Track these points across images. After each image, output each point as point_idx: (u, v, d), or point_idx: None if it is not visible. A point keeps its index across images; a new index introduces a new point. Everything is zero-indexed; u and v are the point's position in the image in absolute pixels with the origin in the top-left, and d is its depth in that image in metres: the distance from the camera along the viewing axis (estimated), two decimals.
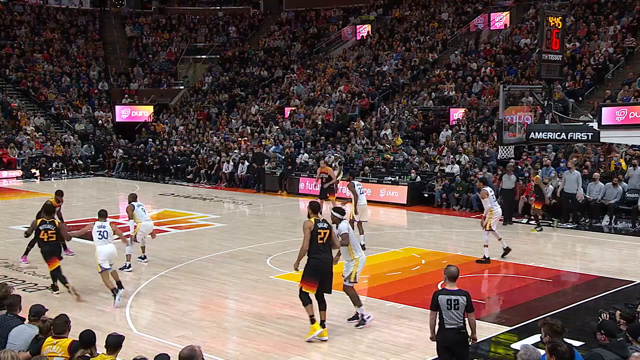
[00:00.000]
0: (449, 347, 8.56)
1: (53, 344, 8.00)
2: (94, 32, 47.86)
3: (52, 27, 46.55)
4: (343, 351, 10.78)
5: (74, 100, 41.92)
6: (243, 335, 11.69)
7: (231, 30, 47.25)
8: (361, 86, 35.38)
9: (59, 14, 48.17)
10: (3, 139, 36.16)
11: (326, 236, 11.23)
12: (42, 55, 43.91)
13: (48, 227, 13.27)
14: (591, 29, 31.39)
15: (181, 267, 16.22)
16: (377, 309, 12.86)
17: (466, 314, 8.54)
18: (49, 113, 40.26)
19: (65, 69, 43.74)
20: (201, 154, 33.77)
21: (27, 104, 40.49)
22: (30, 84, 41.57)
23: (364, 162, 28.27)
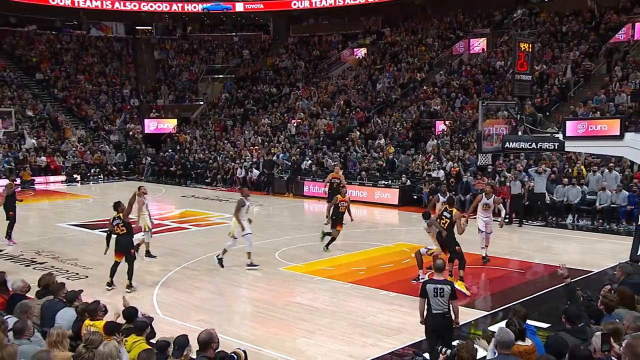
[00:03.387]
0: (436, 330, 8.64)
1: (90, 324, 8.09)
2: (127, 56, 47.90)
3: (92, 53, 46.60)
4: (343, 333, 10.74)
5: (110, 114, 41.95)
6: (254, 320, 11.69)
7: (245, 53, 47.27)
8: (358, 101, 35.36)
9: (99, 42, 48.21)
10: (51, 148, 36.14)
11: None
12: (83, 76, 43.94)
13: (119, 222, 13.44)
14: (555, 54, 31.54)
15: (201, 259, 16.22)
16: (372, 297, 12.85)
17: (450, 301, 8.59)
18: (89, 126, 40.24)
19: (103, 88, 43.77)
20: (218, 160, 33.75)
21: (70, 118, 40.49)
22: (74, 101, 41.60)
23: (360, 167, 28.27)
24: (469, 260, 15.25)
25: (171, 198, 29.11)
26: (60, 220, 22.24)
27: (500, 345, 6.59)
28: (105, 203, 16.98)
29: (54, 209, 26.30)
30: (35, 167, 34.13)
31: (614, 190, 20.61)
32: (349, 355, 9.75)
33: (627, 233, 18.47)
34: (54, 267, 14.91)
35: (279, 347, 10.03)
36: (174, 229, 20.83)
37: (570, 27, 33.44)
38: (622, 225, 20.12)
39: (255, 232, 19.59)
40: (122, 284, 13.28)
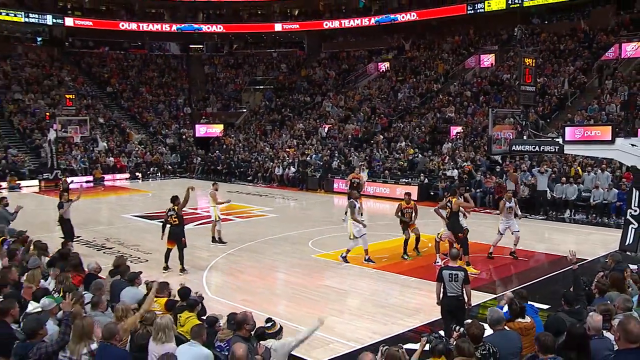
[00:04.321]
0: (450, 310, 8.65)
1: (154, 301, 8.21)
2: (181, 70, 48.24)
3: (152, 68, 47.07)
4: (368, 313, 10.73)
5: (166, 121, 42.30)
6: (290, 300, 11.71)
7: (282, 66, 47.31)
8: (381, 108, 35.19)
9: (158, 58, 48.66)
10: (117, 150, 36.58)
11: None
12: (145, 88, 44.38)
13: (172, 214, 13.55)
14: (554, 69, 31.25)
15: (244, 247, 16.29)
16: (394, 281, 12.81)
17: (463, 285, 8.60)
18: (149, 131, 40.63)
19: (161, 98, 44.16)
20: (258, 160, 33.84)
21: (134, 124, 40.92)
22: (137, 110, 42.08)
23: (383, 167, 28.13)
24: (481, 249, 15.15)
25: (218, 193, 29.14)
26: (125, 211, 22.52)
27: (492, 323, 6.60)
28: (162, 197, 17.19)
29: (119, 202, 26.67)
30: (105, 166, 34.61)
31: (606, 188, 20.39)
32: (374, 332, 9.72)
33: (617, 226, 18.10)
34: (119, 252, 15.06)
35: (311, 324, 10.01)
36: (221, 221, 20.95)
37: (566, 45, 33.29)
38: (613, 219, 19.80)
39: (292, 224, 19.74)
40: (177, 268, 13.40)
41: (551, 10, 36.89)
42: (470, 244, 13.81)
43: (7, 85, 38.67)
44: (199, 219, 21.12)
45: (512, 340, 6.54)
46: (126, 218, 21.13)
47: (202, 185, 32.26)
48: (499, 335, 6.54)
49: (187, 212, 21.59)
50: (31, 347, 5.85)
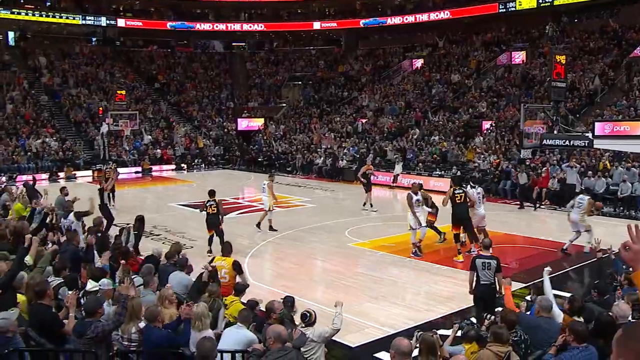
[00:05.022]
0: (483, 298, 8.65)
1: (222, 260, 8.90)
2: (224, 67, 48.57)
3: (197, 65, 47.54)
4: (402, 299, 10.72)
5: (210, 114, 42.72)
6: (327, 286, 11.76)
7: (320, 63, 47.21)
8: (416, 103, 34.90)
9: (202, 56, 49.13)
10: (164, 143, 37.09)
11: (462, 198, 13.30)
12: (190, 84, 44.85)
13: (212, 204, 14.02)
14: (584, 66, 30.48)
15: (284, 235, 16.37)
16: (427, 270, 12.74)
17: (496, 273, 8.58)
18: (193, 124, 41.09)
19: (205, 93, 44.59)
20: (297, 153, 33.92)
21: (180, 118, 41.42)
22: (182, 104, 42.59)
23: (417, 160, 27.94)
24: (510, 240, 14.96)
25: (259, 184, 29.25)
26: (171, 200, 22.80)
27: (542, 309, 6.49)
28: (206, 187, 17.34)
29: (166, 191, 27.05)
30: (152, 158, 35.15)
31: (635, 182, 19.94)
32: (407, 318, 9.69)
33: None
34: (166, 239, 15.32)
35: (348, 310, 9.95)
36: (261, 210, 21.00)
37: (596, 43, 32.49)
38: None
39: (329, 214, 19.77)
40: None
41: (581, 9, 36.07)
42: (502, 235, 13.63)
43: (65, 81, 39.61)
44: (240, 208, 21.36)
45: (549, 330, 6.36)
46: (172, 207, 21.40)
47: (244, 176, 32.66)
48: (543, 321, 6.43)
49: (228, 202, 21.95)
50: (90, 325, 5.97)
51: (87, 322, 6.02)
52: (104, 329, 5.98)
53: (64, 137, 34.55)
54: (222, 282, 8.71)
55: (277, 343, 5.62)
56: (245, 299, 7.99)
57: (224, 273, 8.92)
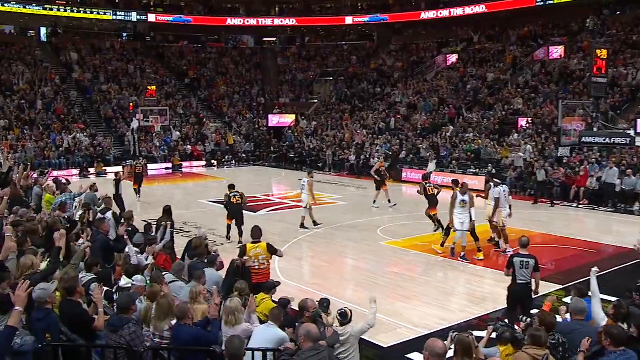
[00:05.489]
0: (519, 297, 8.59)
1: (255, 247, 8.93)
2: (255, 62, 48.86)
3: (228, 60, 47.88)
4: (435, 299, 10.67)
5: (241, 110, 42.99)
6: (358, 285, 11.75)
7: (353, 58, 47.13)
8: (450, 100, 34.63)
9: (233, 51, 49.44)
10: (195, 139, 37.47)
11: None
12: (221, 80, 45.21)
13: (235, 194, 15.06)
14: (626, 60, 29.70)
15: (315, 233, 16.44)
16: (461, 270, 12.66)
17: (533, 272, 8.53)
18: (224, 120, 41.40)
19: (236, 89, 44.91)
20: (329, 149, 33.93)
21: (210, 114, 41.81)
22: (213, 100, 42.94)
23: (451, 157, 27.72)
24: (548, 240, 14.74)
25: (290, 181, 29.50)
26: (201, 197, 23.05)
27: (575, 312, 6.40)
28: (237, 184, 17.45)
29: (196, 188, 27.33)
30: (182, 154, 35.54)
31: None
32: (440, 319, 9.66)
33: None
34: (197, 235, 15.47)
35: (380, 309, 9.86)
36: (292, 207, 21.15)
37: (639, 36, 31.57)
38: None
39: (361, 212, 19.75)
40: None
41: (622, 1, 35.25)
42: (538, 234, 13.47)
43: (96, 77, 40.33)
44: (271, 205, 21.47)
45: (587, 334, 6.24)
46: (202, 203, 21.62)
47: (274, 173, 32.81)
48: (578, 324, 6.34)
49: (259, 199, 22.09)
50: (126, 321, 6.03)
51: (123, 318, 6.10)
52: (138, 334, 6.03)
53: (95, 133, 35.19)
54: (261, 268, 8.83)
55: (308, 342, 5.64)
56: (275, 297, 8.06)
57: (262, 259, 9.02)
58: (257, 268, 8.92)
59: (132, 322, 6.10)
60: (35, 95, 36.26)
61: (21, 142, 31.61)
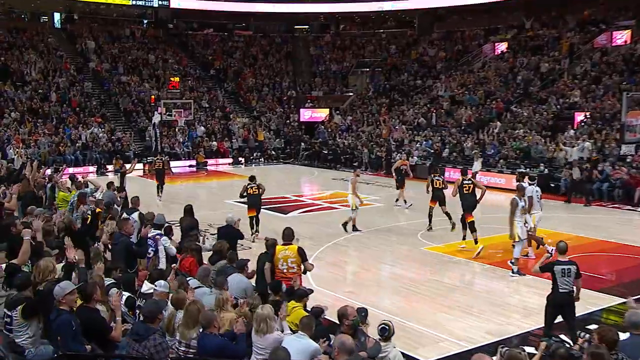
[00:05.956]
0: (561, 306, 8.62)
1: (285, 249, 9.02)
2: (286, 52, 49.07)
3: (257, 50, 48.14)
4: (480, 311, 10.60)
5: (270, 104, 43.24)
6: (397, 294, 11.75)
7: (391, 48, 47.01)
8: (497, 93, 34.28)
9: (262, 40, 49.72)
10: (220, 134, 37.79)
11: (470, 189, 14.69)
12: (249, 71, 45.50)
13: (253, 186, 16.04)
14: None
15: (349, 237, 16.46)
16: (509, 278, 12.53)
17: (574, 280, 8.59)
18: (252, 115, 41.69)
19: (265, 81, 45.20)
20: (365, 146, 33.90)
21: (237, 108, 42.17)
22: (240, 93, 43.28)
23: (499, 156, 27.45)
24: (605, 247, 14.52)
25: (323, 180, 29.64)
26: (227, 197, 23.17)
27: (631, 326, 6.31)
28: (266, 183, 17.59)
29: (222, 187, 27.59)
30: (207, 150, 35.90)
31: None
32: (486, 332, 9.60)
33: None
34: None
35: (420, 320, 10.04)
36: (325, 208, 21.25)
37: None
38: None
39: (400, 214, 19.70)
40: None
41: None
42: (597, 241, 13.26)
43: (114, 67, 40.92)
44: (303, 206, 21.56)
45: None
46: (229, 204, 21.78)
47: (306, 172, 32.92)
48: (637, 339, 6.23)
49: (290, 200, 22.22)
50: (151, 332, 6.08)
51: (149, 328, 6.15)
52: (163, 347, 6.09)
53: (113, 128, 35.72)
54: (290, 272, 8.90)
55: (343, 354, 5.67)
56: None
57: (291, 262, 9.06)
58: (284, 271, 8.97)
59: (159, 332, 6.18)
60: (48, 87, 36.77)
61: (33, 136, 32.17)
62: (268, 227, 16.02)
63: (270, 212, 19.93)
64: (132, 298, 7.46)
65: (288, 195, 23.54)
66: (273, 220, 18.38)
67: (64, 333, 5.94)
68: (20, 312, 6.04)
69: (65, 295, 6.11)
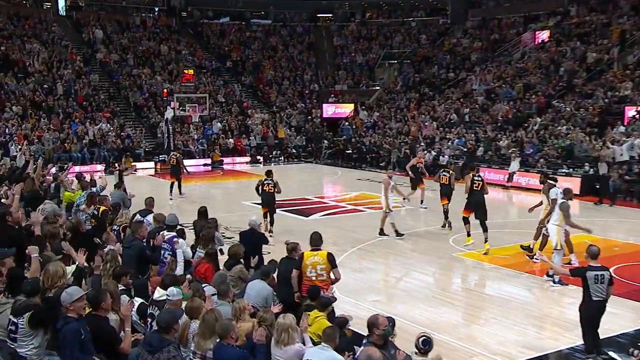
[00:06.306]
0: (596, 318, 8.66)
1: (314, 255, 9.01)
2: (308, 42, 49.15)
3: (276, 41, 48.28)
4: (517, 323, 10.53)
5: (291, 99, 43.36)
6: (427, 303, 11.71)
7: (422, 37, 46.91)
8: (538, 86, 34.01)
9: (282, 30, 49.89)
10: (237, 131, 37.97)
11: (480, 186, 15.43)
12: (268, 63, 45.64)
13: (269, 182, 16.54)
14: None
15: (375, 242, 16.44)
16: (549, 288, 12.45)
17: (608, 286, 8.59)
18: (271, 110, 41.82)
19: (285, 74, 45.35)
20: (390, 145, 33.84)
21: (256, 103, 42.36)
22: (259, 87, 43.48)
23: (539, 155, 27.24)
24: None
25: (347, 181, 29.63)
26: (245, 198, 23.23)
27: None
28: (285, 184, 17.68)
29: (239, 188, 27.68)
30: (224, 148, 36.09)
31: None
32: (524, 347, 9.54)
33: None
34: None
35: (452, 333, 10.02)
36: (349, 211, 21.25)
37: None
38: None
39: (430, 218, 19.62)
40: None
41: None
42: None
43: (123, 59, 41.20)
44: (326, 208, 21.58)
45: None
46: (246, 205, 21.84)
47: (329, 172, 32.95)
48: None
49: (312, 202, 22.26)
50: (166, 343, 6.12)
51: (164, 339, 6.18)
52: None
53: (123, 123, 36.03)
54: (319, 279, 8.92)
55: None
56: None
57: (320, 270, 9.02)
58: (313, 279, 8.99)
59: (174, 344, 6.21)
60: (53, 79, 37.00)
61: (37, 132, 32.35)
62: (287, 230, 16.09)
63: (290, 214, 20.01)
64: (144, 305, 7.52)
65: (309, 196, 23.58)
66: (293, 223, 18.46)
67: (71, 342, 5.94)
68: (27, 320, 6.04)
69: (73, 302, 6.12)
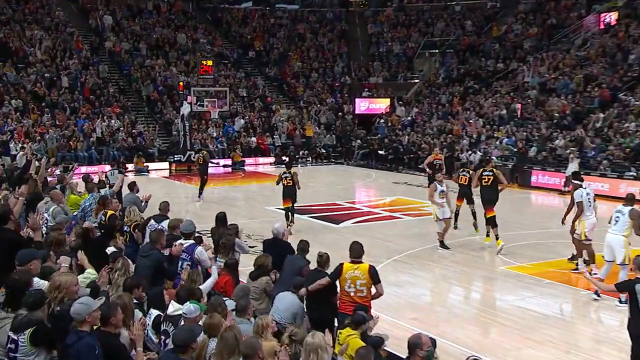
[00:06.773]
0: None
1: (355, 268, 8.95)
2: (339, 30, 49.21)
3: (304, 27, 48.47)
4: (579, 348, 10.39)
5: (320, 93, 43.43)
6: (473, 323, 11.64)
7: (467, 24, 46.62)
8: (602, 77, 33.51)
9: (311, 16, 50.04)
10: (261, 129, 38.11)
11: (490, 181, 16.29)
12: (295, 53, 45.78)
13: (287, 176, 18.25)
14: None
15: (413, 252, 16.36)
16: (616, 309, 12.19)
17: None
18: (298, 105, 41.93)
19: (314, 65, 45.42)
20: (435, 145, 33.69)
21: (281, 97, 42.56)
22: (285, 79, 43.64)
23: (601, 156, 26.89)
24: None
25: (381, 184, 29.59)
26: (269, 203, 23.28)
27: None
28: (313, 187, 17.73)
29: (262, 191, 27.72)
30: (245, 147, 36.22)
31: None
32: None
33: None
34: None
35: (501, 356, 9.94)
36: (384, 218, 21.17)
37: None
38: None
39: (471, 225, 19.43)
40: None
41: None
42: None
43: (135, 48, 41.47)
44: (357, 215, 21.53)
45: None
46: (270, 211, 21.88)
47: (362, 174, 32.90)
48: None
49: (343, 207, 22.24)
50: None
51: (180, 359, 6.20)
52: None
53: (134, 119, 36.35)
54: (358, 295, 8.85)
55: None
56: None
57: (360, 285, 8.92)
58: (352, 294, 8.92)
59: None
60: (57, 70, 37.32)
61: (39, 129, 32.63)
62: (316, 239, 16.06)
63: (319, 221, 20.01)
64: (158, 318, 7.53)
65: (340, 201, 23.56)
66: (322, 231, 18.44)
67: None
68: (29, 337, 5.96)
69: (91, 312, 6.09)
